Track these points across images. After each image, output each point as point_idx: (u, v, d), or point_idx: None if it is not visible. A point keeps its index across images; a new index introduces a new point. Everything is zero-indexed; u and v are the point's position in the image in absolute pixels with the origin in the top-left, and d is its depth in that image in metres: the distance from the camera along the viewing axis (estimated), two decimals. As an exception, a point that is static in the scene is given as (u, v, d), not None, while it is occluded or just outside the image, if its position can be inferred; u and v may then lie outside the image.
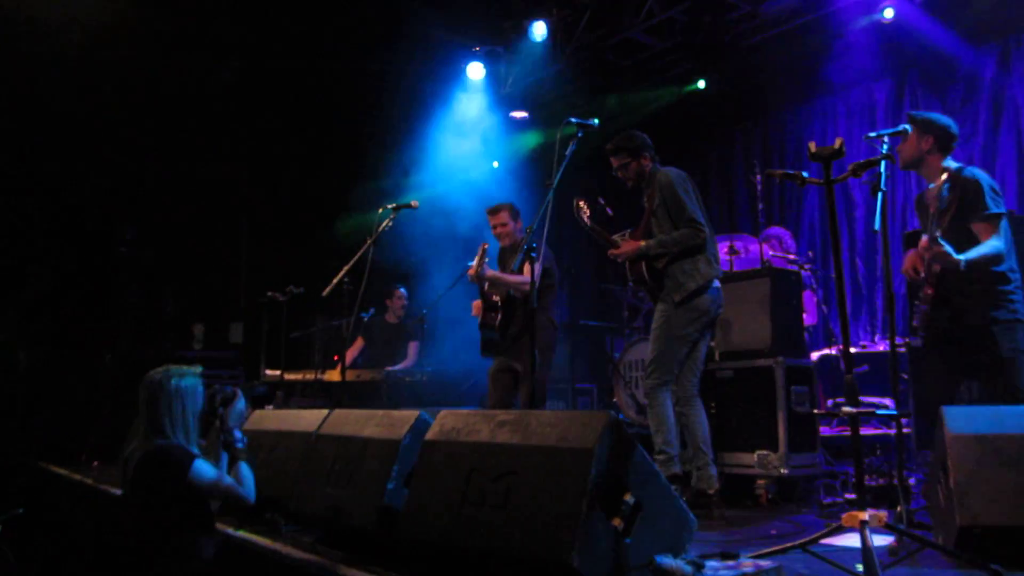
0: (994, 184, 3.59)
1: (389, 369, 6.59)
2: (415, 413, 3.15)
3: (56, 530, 5.37)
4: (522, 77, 8.86)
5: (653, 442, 4.15)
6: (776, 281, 4.87)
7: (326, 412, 3.78)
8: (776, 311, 4.79)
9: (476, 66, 8.42)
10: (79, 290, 8.10)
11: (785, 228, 6.78)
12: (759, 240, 5.82)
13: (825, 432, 5.00)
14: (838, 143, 2.80)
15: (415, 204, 4.93)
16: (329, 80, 8.45)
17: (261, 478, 3.35)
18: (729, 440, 4.71)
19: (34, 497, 6.05)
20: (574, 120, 4.01)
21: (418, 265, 8.18)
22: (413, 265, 8.13)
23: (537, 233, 4.01)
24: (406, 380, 6.58)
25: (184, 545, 2.97)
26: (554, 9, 7.94)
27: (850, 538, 2.81)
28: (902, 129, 3.64)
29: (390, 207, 4.91)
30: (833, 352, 5.93)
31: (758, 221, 5.97)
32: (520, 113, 9.20)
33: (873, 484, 4.07)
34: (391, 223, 4.90)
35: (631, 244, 4.33)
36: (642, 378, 4.29)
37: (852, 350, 3.00)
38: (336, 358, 6.55)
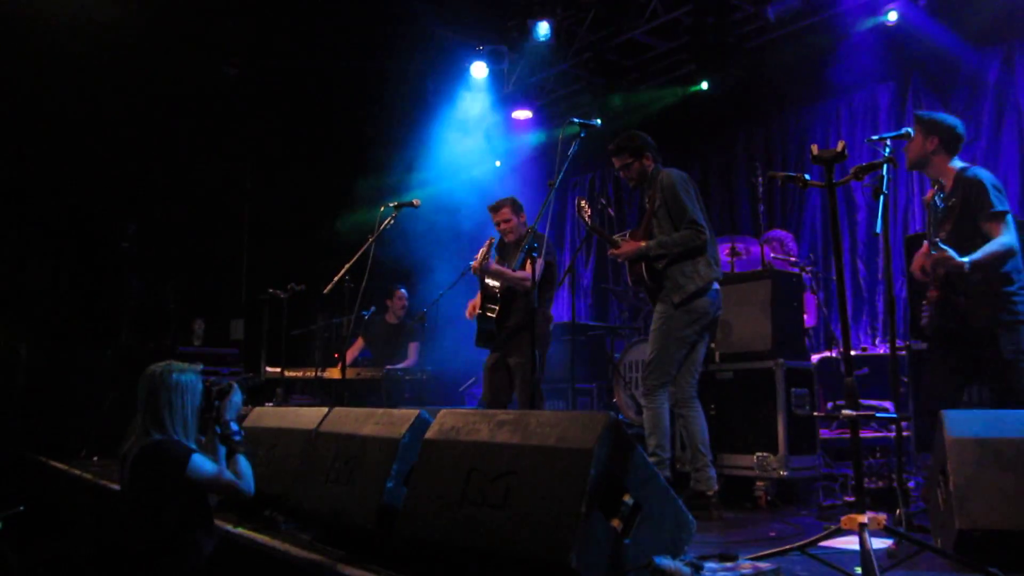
0: (997, 182, 3.57)
1: (389, 367, 6.60)
2: (415, 412, 3.15)
3: (56, 526, 5.38)
4: (525, 76, 8.86)
5: (646, 444, 4.14)
6: (777, 283, 4.86)
7: (326, 410, 3.78)
8: (777, 313, 4.79)
9: (479, 65, 8.42)
10: (80, 285, 8.12)
11: (787, 231, 6.78)
12: (760, 242, 5.82)
13: (825, 434, 5.00)
14: (840, 146, 2.80)
15: (417, 202, 4.94)
16: (332, 78, 8.46)
17: (260, 475, 3.35)
18: (728, 442, 4.70)
19: (34, 492, 6.06)
20: (576, 120, 4.02)
21: (420, 263, 8.19)
22: (415, 263, 8.14)
23: (538, 232, 4.01)
24: (406, 379, 6.59)
25: (183, 541, 2.97)
26: (558, 9, 7.94)
27: (849, 541, 2.80)
28: (904, 132, 3.63)
29: (392, 205, 4.91)
30: (833, 354, 5.93)
31: (759, 223, 5.96)
32: (523, 112, 9.21)
33: (872, 487, 4.07)
34: (393, 221, 4.91)
35: (631, 244, 4.32)
36: (641, 379, 4.28)
37: (852, 353, 3.00)
38: (336, 356, 6.55)
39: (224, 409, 3.18)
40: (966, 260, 3.38)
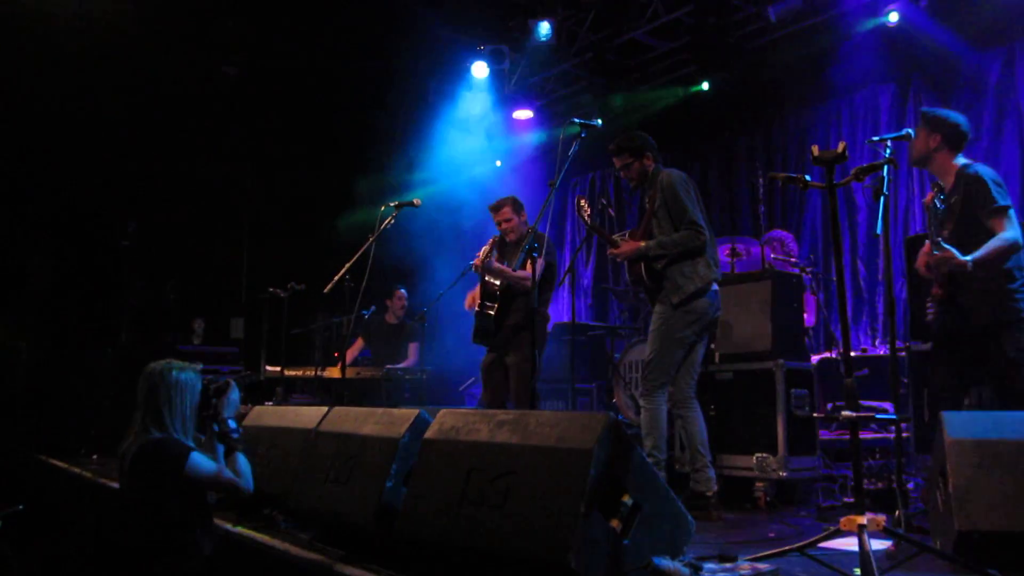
0: (998, 177, 3.52)
1: (389, 367, 6.60)
2: (415, 412, 3.15)
3: (56, 524, 5.38)
4: (526, 76, 8.86)
5: (643, 444, 4.13)
6: (777, 284, 4.86)
7: (325, 409, 3.78)
8: (777, 314, 4.78)
9: (480, 65, 8.41)
10: (81, 284, 8.12)
11: (787, 231, 6.78)
12: (761, 243, 5.82)
13: (824, 435, 5.00)
14: (841, 147, 2.80)
15: (417, 202, 4.94)
16: (332, 77, 8.46)
17: (260, 475, 3.35)
18: (728, 442, 4.70)
19: (34, 491, 6.06)
20: (577, 120, 4.02)
21: (420, 263, 8.19)
22: (415, 263, 8.14)
23: (539, 232, 4.01)
24: (406, 378, 6.59)
25: (182, 539, 2.97)
26: (559, 9, 7.94)
27: (848, 542, 2.81)
28: (905, 133, 3.63)
29: (392, 205, 4.91)
30: (833, 355, 5.93)
31: (760, 223, 5.96)
32: (524, 112, 9.21)
33: (872, 488, 4.07)
34: (393, 220, 4.91)
35: (630, 244, 4.32)
36: (640, 379, 4.28)
37: (852, 354, 2.99)
38: (336, 355, 6.55)
39: (222, 407, 3.18)
40: (968, 259, 3.35)
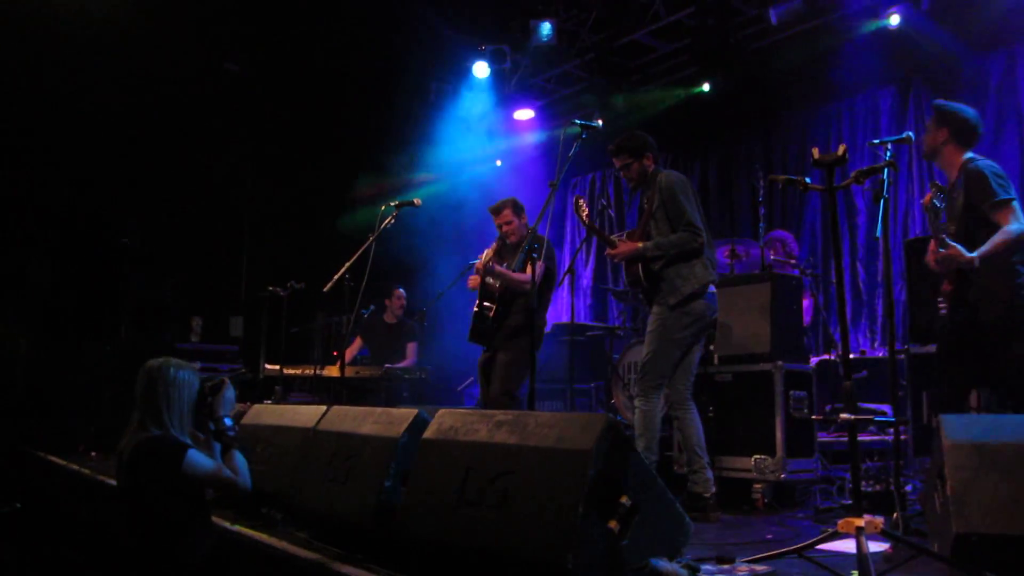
0: (998, 170, 3.46)
1: (388, 366, 6.60)
2: (413, 411, 3.15)
3: (53, 521, 5.38)
4: (527, 76, 8.86)
5: (635, 445, 4.12)
6: (777, 286, 4.86)
7: (324, 408, 3.78)
8: (776, 316, 4.78)
9: (481, 65, 8.42)
10: (80, 281, 8.11)
11: (789, 232, 6.78)
12: (763, 243, 5.82)
13: (823, 437, 5.00)
14: (841, 150, 2.80)
15: (418, 202, 4.95)
16: (334, 76, 8.46)
17: (258, 473, 3.35)
18: (726, 444, 4.70)
19: (32, 487, 6.06)
20: (578, 121, 4.02)
21: (420, 262, 8.19)
22: (415, 262, 8.14)
23: (539, 234, 4.01)
24: (405, 377, 6.59)
25: (180, 537, 2.97)
26: (560, 9, 7.94)
27: (846, 544, 2.81)
28: (905, 136, 3.63)
29: (393, 204, 4.91)
30: (832, 357, 5.93)
31: (759, 225, 5.97)
32: (525, 112, 9.21)
33: (870, 490, 4.07)
34: (393, 220, 4.91)
35: (628, 245, 4.32)
36: (636, 380, 4.28)
37: (851, 356, 3.00)
38: (335, 354, 6.55)
39: (217, 405, 3.18)
40: (974, 255, 3.32)
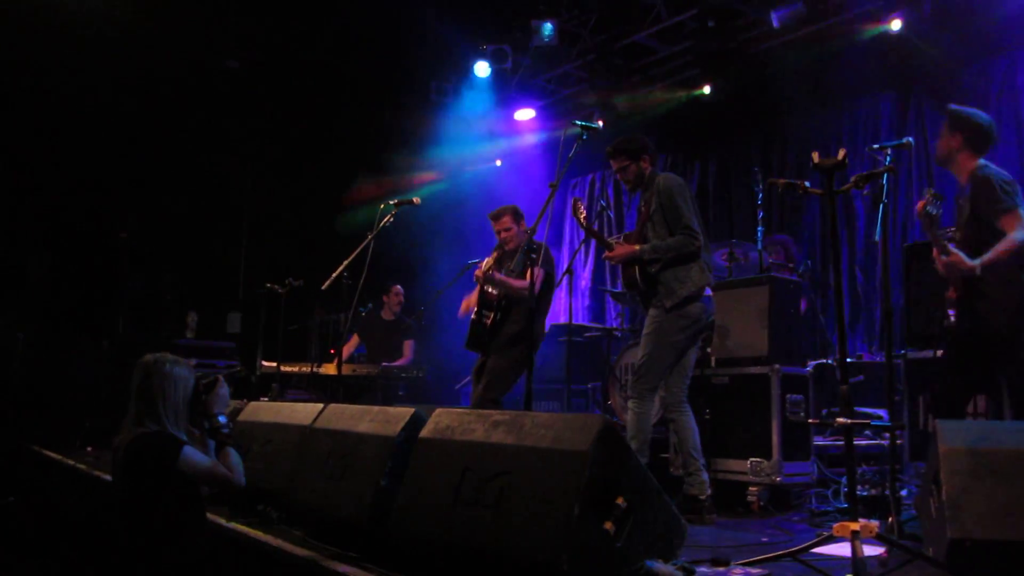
0: (1006, 179, 3.45)
1: (385, 364, 6.60)
2: (410, 410, 3.15)
3: (49, 516, 5.37)
4: (528, 77, 8.87)
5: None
6: (775, 289, 4.87)
7: (321, 406, 3.78)
8: (774, 319, 4.78)
9: (482, 64, 8.42)
10: (78, 276, 8.11)
11: (789, 236, 6.79)
12: (762, 247, 5.83)
13: (819, 441, 5.00)
14: (841, 154, 2.81)
15: (417, 200, 4.95)
16: (334, 73, 8.46)
17: (254, 470, 3.35)
18: (723, 446, 4.70)
19: (28, 482, 6.05)
20: (578, 122, 4.02)
21: (419, 261, 8.19)
22: (414, 260, 8.14)
23: (537, 241, 4.01)
24: (402, 376, 6.59)
25: (174, 533, 2.96)
26: (562, 10, 7.95)
27: (841, 548, 2.81)
28: (906, 141, 3.63)
29: (392, 203, 4.91)
30: (829, 361, 5.93)
31: (758, 229, 5.97)
32: (525, 112, 9.21)
33: (865, 494, 4.08)
34: (392, 218, 4.91)
35: (625, 248, 4.33)
36: (632, 382, 4.29)
37: (848, 360, 3.00)
38: (333, 351, 6.55)
39: (211, 403, 3.18)
40: (976, 263, 3.32)
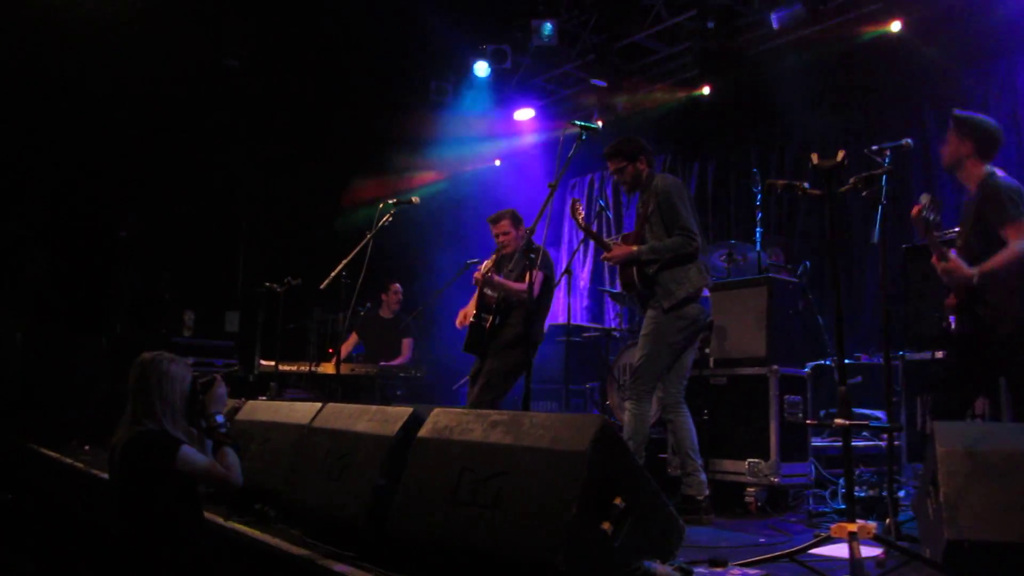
0: (1015, 189, 3.44)
1: (384, 364, 6.60)
2: (408, 410, 3.15)
3: (46, 514, 5.36)
4: (528, 77, 8.87)
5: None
6: (774, 290, 4.87)
7: (319, 405, 3.78)
8: (773, 320, 4.79)
9: (482, 64, 8.42)
10: (76, 273, 8.10)
11: (785, 238, 6.79)
12: (760, 248, 5.83)
13: (817, 442, 5.01)
14: (840, 155, 2.81)
15: (416, 200, 4.95)
16: (333, 73, 8.45)
17: (252, 469, 3.35)
18: (721, 447, 4.70)
19: (25, 480, 6.04)
20: (578, 123, 4.02)
21: (418, 260, 8.19)
22: (413, 260, 8.14)
23: (535, 244, 4.01)
24: (400, 375, 6.59)
25: (172, 532, 2.96)
26: (561, 10, 7.95)
27: (839, 549, 2.81)
28: (904, 143, 3.63)
29: (391, 202, 4.91)
30: (827, 362, 5.93)
31: (756, 229, 5.97)
32: (525, 112, 9.22)
33: (863, 495, 4.08)
34: (391, 218, 4.91)
35: (623, 249, 4.33)
36: (629, 384, 4.29)
37: (846, 361, 3.00)
38: (331, 351, 6.55)
39: (209, 402, 3.17)
40: (975, 271, 3.32)
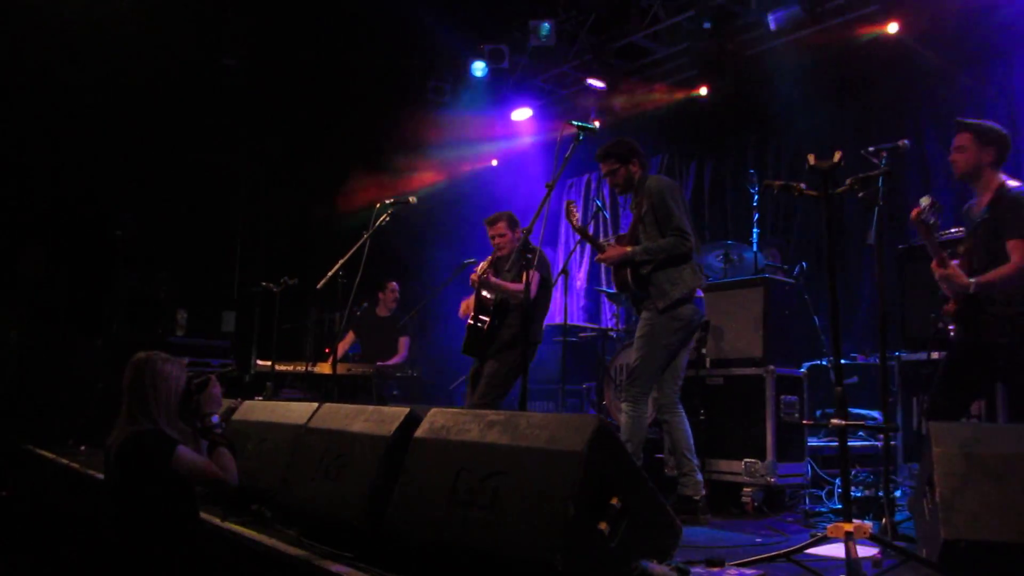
0: None
1: (380, 364, 6.59)
2: (405, 410, 3.15)
3: (42, 514, 5.35)
4: (525, 77, 8.87)
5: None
6: (770, 291, 4.88)
7: (316, 405, 3.77)
8: (769, 321, 4.80)
9: (480, 64, 8.41)
10: (73, 273, 8.08)
11: (781, 239, 6.79)
12: (757, 248, 5.84)
13: (813, 442, 5.02)
14: (837, 157, 2.81)
15: (413, 200, 4.95)
16: (332, 72, 8.45)
17: (249, 469, 3.34)
18: (717, 447, 4.71)
19: (20, 481, 6.03)
20: (575, 123, 4.03)
21: (415, 260, 8.19)
22: (411, 260, 8.14)
23: (532, 245, 4.01)
24: (396, 375, 6.58)
25: (167, 532, 2.96)
26: (559, 10, 7.95)
27: (835, 548, 2.82)
28: (901, 144, 3.64)
29: (388, 202, 4.91)
30: (823, 363, 5.94)
31: (753, 230, 5.98)
32: (522, 112, 9.22)
33: (859, 495, 4.09)
34: (388, 218, 4.91)
35: (617, 249, 4.33)
36: (626, 385, 4.29)
37: (842, 362, 3.01)
38: (328, 351, 6.54)
39: (203, 403, 3.17)
40: (972, 281, 3.34)
